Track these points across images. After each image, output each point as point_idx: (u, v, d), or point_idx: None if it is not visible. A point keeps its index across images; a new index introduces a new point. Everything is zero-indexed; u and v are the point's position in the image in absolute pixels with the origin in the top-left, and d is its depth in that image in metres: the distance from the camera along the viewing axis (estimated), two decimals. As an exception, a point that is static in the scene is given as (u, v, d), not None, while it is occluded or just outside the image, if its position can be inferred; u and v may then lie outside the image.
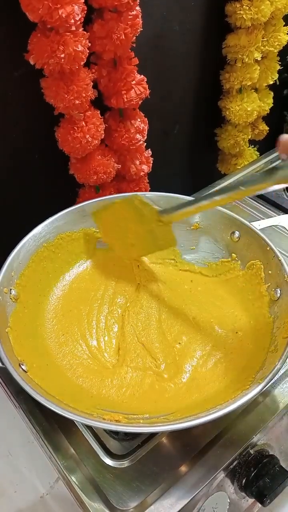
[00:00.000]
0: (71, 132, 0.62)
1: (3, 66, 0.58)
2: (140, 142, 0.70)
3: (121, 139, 0.67)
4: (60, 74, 0.56)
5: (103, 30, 0.57)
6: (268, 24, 0.80)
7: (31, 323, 0.55)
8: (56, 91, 0.57)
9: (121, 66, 0.63)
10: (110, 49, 0.59)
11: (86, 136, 0.62)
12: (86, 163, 0.67)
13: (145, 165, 0.73)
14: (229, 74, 0.82)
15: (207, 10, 0.76)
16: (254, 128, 0.95)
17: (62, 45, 0.53)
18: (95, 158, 0.67)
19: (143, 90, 0.65)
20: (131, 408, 0.48)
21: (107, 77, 0.63)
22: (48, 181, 0.72)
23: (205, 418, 0.40)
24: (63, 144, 0.64)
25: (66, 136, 0.62)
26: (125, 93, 0.63)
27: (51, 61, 0.53)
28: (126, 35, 0.58)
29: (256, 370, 0.47)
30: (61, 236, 0.62)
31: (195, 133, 0.92)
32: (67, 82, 0.57)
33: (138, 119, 0.69)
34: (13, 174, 0.67)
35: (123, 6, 0.56)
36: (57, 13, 0.50)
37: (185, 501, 0.44)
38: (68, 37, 0.53)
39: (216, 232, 0.64)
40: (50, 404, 0.40)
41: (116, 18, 0.57)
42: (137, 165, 0.72)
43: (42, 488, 0.67)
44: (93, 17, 0.58)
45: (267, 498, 0.47)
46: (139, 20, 0.59)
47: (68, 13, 0.51)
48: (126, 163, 0.72)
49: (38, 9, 0.50)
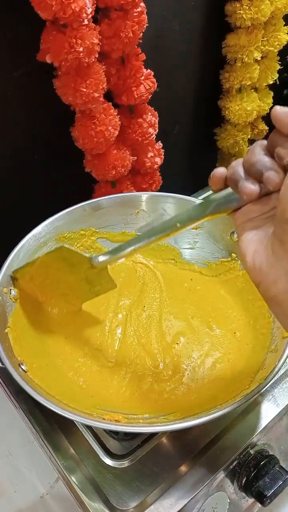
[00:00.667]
0: (92, 127, 0.62)
1: (3, 66, 0.58)
2: (153, 135, 0.70)
3: (135, 134, 0.68)
4: (76, 69, 0.56)
5: (110, 30, 0.58)
6: (268, 24, 0.80)
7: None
8: (74, 87, 0.57)
9: (130, 63, 0.63)
10: (119, 47, 0.59)
11: (109, 128, 0.62)
12: (103, 159, 0.67)
13: (158, 158, 0.74)
14: (229, 73, 0.82)
15: (207, 10, 0.76)
16: (253, 128, 0.95)
17: (80, 39, 0.53)
18: (112, 153, 0.67)
19: (152, 84, 0.65)
20: (131, 408, 0.48)
21: (116, 75, 0.63)
22: (48, 181, 0.72)
23: (205, 418, 0.40)
24: (85, 141, 0.63)
25: (88, 132, 0.62)
26: (135, 89, 0.64)
27: (69, 56, 0.53)
28: (134, 32, 0.58)
29: (256, 370, 0.47)
30: (61, 236, 0.62)
31: (195, 133, 0.92)
32: (84, 76, 0.57)
33: (149, 113, 0.69)
34: (13, 174, 0.67)
35: (129, 4, 0.57)
36: (70, 8, 0.50)
37: (185, 501, 0.44)
38: (84, 30, 0.53)
39: (216, 232, 0.64)
40: (50, 404, 0.40)
41: (123, 16, 0.57)
42: (150, 158, 0.73)
43: (42, 488, 0.67)
44: (98, 17, 0.58)
45: (267, 498, 0.47)
46: (144, 16, 0.59)
47: (81, 7, 0.51)
48: (140, 157, 0.72)
49: (51, 6, 0.50)
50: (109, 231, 0.66)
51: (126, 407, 0.48)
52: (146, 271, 0.66)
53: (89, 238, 0.65)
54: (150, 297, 0.62)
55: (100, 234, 0.66)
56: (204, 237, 0.65)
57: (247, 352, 0.53)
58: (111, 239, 0.67)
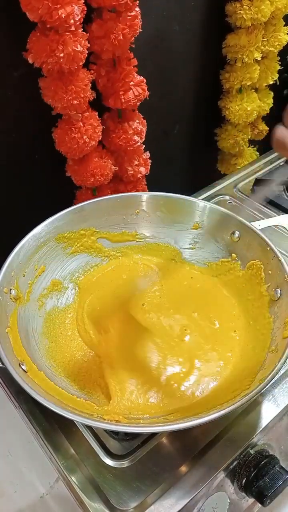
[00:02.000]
0: (68, 133, 0.62)
1: (3, 66, 0.58)
2: (138, 143, 0.69)
3: (118, 140, 0.67)
4: (59, 74, 0.56)
5: (101, 30, 0.57)
6: (268, 24, 0.80)
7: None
8: (55, 91, 0.57)
9: (120, 67, 0.63)
10: (108, 49, 0.59)
11: (84, 137, 0.62)
12: (83, 165, 0.67)
13: (143, 167, 0.73)
14: (229, 74, 0.82)
15: (207, 10, 0.76)
16: (254, 128, 0.95)
17: (62, 44, 0.53)
18: (92, 160, 0.66)
19: (142, 92, 0.65)
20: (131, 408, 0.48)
21: (106, 77, 0.63)
22: (48, 181, 0.72)
23: (205, 418, 0.40)
24: (60, 144, 0.64)
25: (64, 136, 0.62)
26: (123, 94, 0.63)
27: (50, 60, 0.53)
28: (124, 35, 0.58)
29: (256, 370, 0.47)
30: (61, 236, 0.62)
31: (195, 133, 0.92)
32: (66, 82, 0.57)
33: (137, 120, 0.68)
34: (13, 174, 0.67)
35: (122, 6, 0.56)
36: (57, 13, 0.50)
37: (185, 501, 0.44)
38: (68, 37, 0.53)
39: (216, 232, 0.64)
40: (50, 404, 0.40)
41: (115, 18, 0.57)
42: (134, 166, 0.72)
43: (42, 488, 0.67)
44: (92, 16, 0.58)
45: (267, 498, 0.46)
46: (138, 21, 0.59)
47: (68, 14, 0.51)
48: (124, 164, 0.71)
49: (37, 9, 0.50)
50: (109, 231, 0.66)
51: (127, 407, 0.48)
52: (147, 270, 0.66)
53: (89, 238, 0.65)
54: (150, 295, 0.63)
55: (100, 234, 0.66)
56: (204, 237, 0.65)
57: (247, 352, 0.53)
58: (111, 239, 0.67)
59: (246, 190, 0.84)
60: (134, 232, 0.67)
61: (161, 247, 0.67)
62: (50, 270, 0.61)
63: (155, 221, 0.67)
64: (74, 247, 0.64)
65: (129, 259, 0.67)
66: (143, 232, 0.67)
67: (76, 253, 0.64)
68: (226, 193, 0.83)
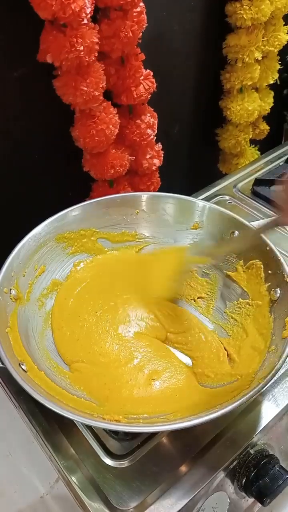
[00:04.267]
0: (93, 126, 0.62)
1: (3, 66, 0.58)
2: (151, 136, 0.70)
3: (132, 135, 0.68)
4: (76, 68, 0.57)
5: (110, 30, 0.58)
6: (268, 24, 0.80)
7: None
8: (75, 86, 0.57)
9: (129, 63, 0.63)
10: (118, 47, 0.59)
11: (110, 126, 0.62)
12: (102, 158, 0.67)
13: (157, 159, 0.74)
14: (229, 74, 0.82)
15: (207, 10, 0.76)
16: (254, 128, 0.95)
17: (80, 38, 0.53)
18: (110, 152, 0.67)
19: (151, 84, 0.65)
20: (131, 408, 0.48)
21: (116, 75, 0.64)
22: (48, 181, 0.72)
23: (205, 418, 0.40)
24: (86, 141, 0.63)
25: (89, 131, 0.62)
26: (134, 89, 0.64)
27: (70, 56, 0.54)
28: (133, 32, 0.58)
29: (256, 370, 0.47)
30: (61, 236, 0.62)
31: (195, 133, 0.92)
32: (84, 75, 0.57)
33: (148, 114, 0.69)
34: (13, 174, 0.67)
35: (128, 4, 0.57)
36: (70, 8, 0.51)
37: (185, 501, 0.44)
38: (84, 29, 0.54)
39: (216, 232, 0.64)
40: (50, 404, 0.40)
41: (122, 17, 0.58)
42: (148, 159, 0.72)
43: (42, 488, 0.67)
44: (98, 17, 0.59)
45: (267, 498, 0.46)
46: (144, 16, 0.59)
47: (80, 7, 0.51)
48: (138, 157, 0.72)
49: (51, 6, 0.50)
50: (109, 231, 0.66)
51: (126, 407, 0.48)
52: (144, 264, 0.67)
53: (89, 239, 0.65)
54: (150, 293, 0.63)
55: (100, 234, 0.66)
56: (204, 237, 0.65)
57: (248, 352, 0.53)
58: (111, 239, 0.67)
59: (246, 190, 0.84)
60: (134, 232, 0.67)
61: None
62: (50, 270, 0.61)
63: (155, 221, 0.67)
64: (74, 247, 0.64)
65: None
66: (143, 232, 0.67)
67: (76, 253, 0.64)
68: (226, 193, 0.83)
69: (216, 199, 0.82)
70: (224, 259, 0.63)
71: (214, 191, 0.84)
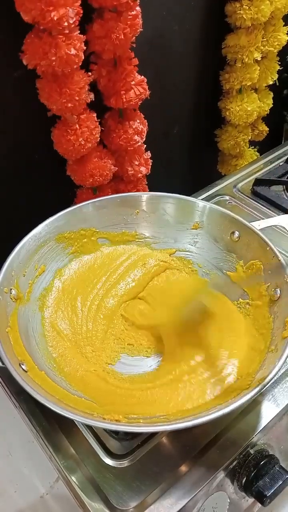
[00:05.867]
0: (64, 134, 0.62)
1: (3, 66, 0.58)
2: (139, 143, 0.69)
3: (119, 139, 0.67)
4: (53, 76, 0.56)
5: (102, 30, 0.57)
6: (267, 24, 0.80)
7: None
8: (49, 93, 0.57)
9: (121, 66, 0.63)
10: (109, 48, 0.59)
11: (79, 139, 0.62)
12: (82, 166, 0.67)
13: (144, 167, 0.73)
14: (229, 74, 0.82)
15: (207, 10, 0.76)
16: (254, 129, 0.95)
17: (54, 47, 0.52)
18: (92, 161, 0.66)
19: (143, 91, 0.65)
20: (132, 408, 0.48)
21: (107, 77, 0.63)
22: (48, 181, 0.72)
23: (205, 418, 0.40)
24: (57, 145, 0.64)
25: (60, 138, 0.62)
26: (124, 94, 0.63)
27: (42, 62, 0.53)
28: (125, 35, 0.58)
29: (256, 370, 0.47)
30: (61, 236, 0.62)
31: (194, 133, 0.92)
32: (60, 84, 0.57)
33: (137, 120, 0.68)
34: (13, 174, 0.67)
35: (123, 6, 0.56)
36: (50, 15, 0.50)
37: (185, 501, 0.44)
38: (60, 40, 0.52)
39: (216, 232, 0.64)
40: (50, 404, 0.40)
41: (116, 18, 0.57)
42: (135, 166, 0.72)
43: (42, 488, 0.67)
44: (93, 16, 0.58)
45: (267, 498, 0.46)
46: (139, 20, 0.59)
47: (60, 16, 0.50)
48: (124, 164, 0.71)
49: (30, 10, 0.50)
50: (109, 231, 0.66)
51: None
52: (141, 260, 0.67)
53: (89, 239, 0.65)
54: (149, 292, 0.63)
55: (100, 234, 0.66)
56: (204, 237, 0.65)
57: (248, 352, 0.53)
58: (111, 239, 0.67)
59: (246, 190, 0.84)
60: (134, 232, 0.67)
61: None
62: (50, 270, 0.61)
63: (155, 221, 0.67)
64: (74, 247, 0.64)
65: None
66: (143, 232, 0.67)
67: (76, 253, 0.64)
68: (226, 193, 0.83)
69: (216, 199, 0.82)
70: (224, 259, 0.63)
71: (214, 191, 0.84)
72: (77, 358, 0.53)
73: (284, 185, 0.84)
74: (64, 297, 0.60)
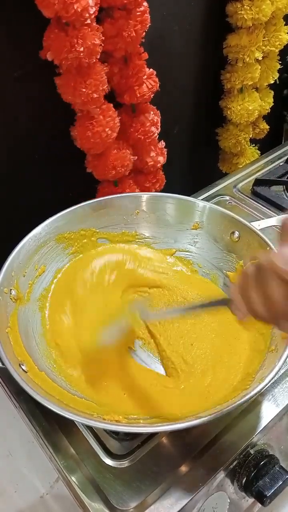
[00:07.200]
0: (90, 128, 0.62)
1: (3, 66, 0.58)
2: (155, 134, 0.70)
3: (137, 133, 0.68)
4: (77, 69, 0.56)
5: (113, 29, 0.58)
6: (269, 24, 0.80)
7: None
8: (74, 87, 0.57)
9: (132, 62, 0.63)
10: (122, 46, 0.59)
11: (106, 130, 0.62)
12: (103, 159, 0.67)
13: (161, 156, 0.74)
14: (230, 74, 0.82)
15: (207, 10, 0.76)
16: (254, 127, 0.95)
17: (81, 38, 0.53)
18: (112, 153, 0.67)
19: (154, 84, 0.65)
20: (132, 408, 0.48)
21: (119, 74, 0.64)
22: (48, 181, 0.72)
23: (205, 418, 0.40)
24: (82, 142, 0.64)
25: (86, 132, 0.62)
26: (137, 88, 0.64)
27: (70, 55, 0.54)
28: (137, 31, 0.58)
29: (256, 370, 0.47)
30: (61, 236, 0.62)
31: (195, 132, 0.92)
32: (84, 76, 0.57)
33: (151, 112, 0.69)
34: (13, 174, 0.67)
35: (132, 4, 0.57)
36: (73, 8, 0.50)
37: (185, 501, 0.44)
38: (86, 31, 0.53)
39: (216, 232, 0.64)
40: (50, 404, 0.40)
41: (126, 16, 0.58)
42: (153, 157, 0.73)
43: (42, 488, 0.67)
44: (101, 16, 0.58)
45: (267, 498, 0.47)
46: (147, 16, 0.59)
47: (83, 7, 0.51)
48: (143, 156, 0.72)
49: (53, 5, 0.50)
50: (109, 231, 0.66)
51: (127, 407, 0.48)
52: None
53: (89, 239, 0.65)
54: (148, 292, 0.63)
55: (100, 234, 0.66)
56: (204, 237, 0.65)
57: (248, 352, 0.53)
58: (111, 239, 0.67)
59: (246, 190, 0.84)
60: (134, 232, 0.67)
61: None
62: (50, 271, 0.61)
63: (155, 221, 0.67)
64: (75, 247, 0.64)
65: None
66: (143, 232, 0.67)
67: (76, 253, 0.64)
68: (226, 193, 0.83)
69: (216, 199, 0.82)
70: (224, 259, 0.63)
71: (214, 191, 0.84)
72: (77, 358, 0.53)
73: (284, 185, 0.84)
74: (64, 297, 0.59)
